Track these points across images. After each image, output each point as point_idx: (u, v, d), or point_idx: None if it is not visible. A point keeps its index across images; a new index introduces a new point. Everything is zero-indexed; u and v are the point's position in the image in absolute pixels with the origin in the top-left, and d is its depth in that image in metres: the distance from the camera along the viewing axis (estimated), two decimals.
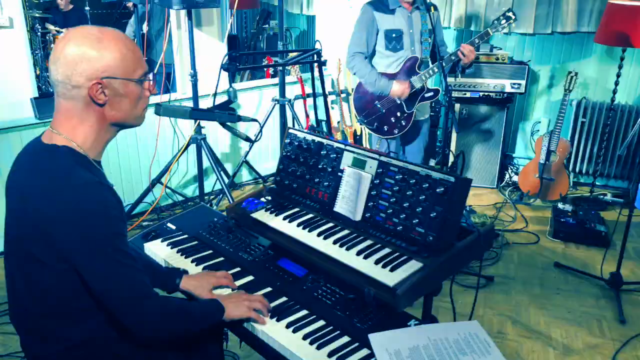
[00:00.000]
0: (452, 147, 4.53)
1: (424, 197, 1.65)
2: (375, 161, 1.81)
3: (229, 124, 1.67)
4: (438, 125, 4.61)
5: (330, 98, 4.79)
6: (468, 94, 4.36)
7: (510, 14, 3.25)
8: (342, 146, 1.92)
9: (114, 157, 3.81)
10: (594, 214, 3.87)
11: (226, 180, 4.03)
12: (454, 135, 4.50)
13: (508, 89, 4.29)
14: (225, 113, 1.63)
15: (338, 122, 4.78)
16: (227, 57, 1.96)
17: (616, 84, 3.94)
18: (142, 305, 1.34)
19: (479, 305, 2.97)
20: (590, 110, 4.37)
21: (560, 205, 3.99)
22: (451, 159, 4.36)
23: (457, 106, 4.43)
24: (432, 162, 3.35)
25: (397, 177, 1.73)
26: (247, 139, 1.79)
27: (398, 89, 3.21)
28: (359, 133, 4.73)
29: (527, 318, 2.91)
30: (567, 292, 3.16)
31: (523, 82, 4.26)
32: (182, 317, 1.44)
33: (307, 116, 3.00)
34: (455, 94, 4.37)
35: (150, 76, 1.40)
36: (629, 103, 4.33)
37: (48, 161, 1.31)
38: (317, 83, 3.18)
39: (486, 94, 4.33)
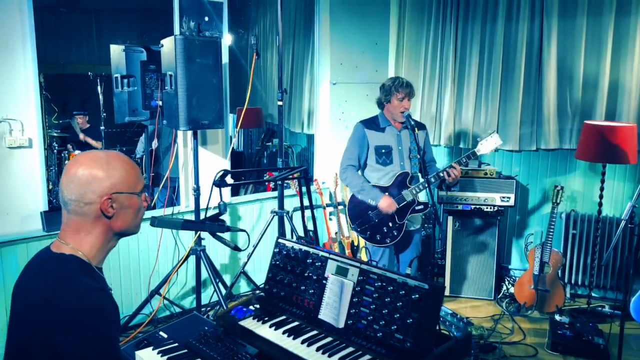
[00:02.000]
0: (448, 259, 4.62)
1: (401, 303, 1.74)
2: (356, 269, 1.91)
3: (218, 234, 1.81)
4: (435, 237, 4.74)
5: (328, 210, 4.98)
6: (460, 207, 4.52)
7: (493, 135, 3.51)
8: (327, 254, 2.04)
9: (115, 267, 3.91)
10: (592, 326, 3.85)
11: (224, 291, 4.08)
12: (448, 248, 4.61)
13: (498, 202, 4.46)
14: (215, 224, 1.77)
15: (336, 233, 4.92)
16: (219, 175, 2.16)
17: (600, 197, 4.10)
18: None
19: None
20: (579, 223, 4.50)
21: (557, 317, 3.98)
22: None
23: (450, 219, 4.58)
24: (408, 270, 3.49)
25: (376, 284, 1.83)
26: (236, 247, 1.92)
27: (385, 203, 3.40)
28: (356, 244, 4.84)
29: None
30: None
31: (512, 196, 4.44)
32: None
33: (314, 232, 3.21)
34: (447, 207, 4.56)
35: (146, 190, 1.58)
36: (616, 215, 4.47)
37: (55, 268, 1.45)
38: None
39: (478, 207, 4.50)
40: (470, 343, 1.88)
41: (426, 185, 3.37)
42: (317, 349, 1.81)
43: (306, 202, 2.96)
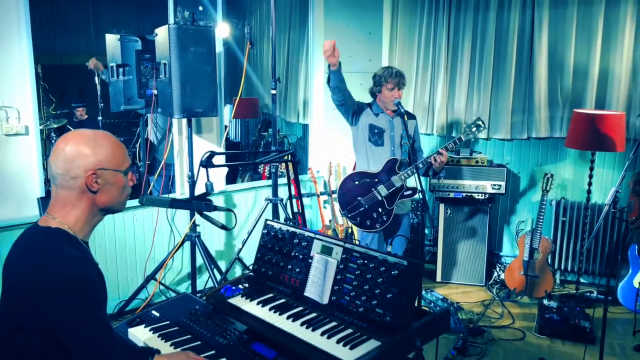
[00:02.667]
0: (439, 245, 4.69)
1: (381, 279, 1.81)
2: (340, 248, 1.98)
3: (206, 213, 1.88)
4: (425, 224, 4.80)
5: (322, 198, 5.05)
6: (452, 195, 4.59)
7: (479, 122, 3.58)
8: (312, 235, 2.10)
9: (111, 253, 3.99)
10: (579, 310, 3.93)
11: (219, 277, 4.16)
12: (440, 235, 4.68)
13: (489, 190, 4.52)
14: (202, 203, 1.84)
15: (330, 221, 4.99)
16: (206, 155, 2.22)
17: (589, 184, 4.17)
18: None
19: None
20: (569, 210, 4.57)
21: (545, 302, 4.06)
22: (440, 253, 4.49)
23: (442, 206, 4.65)
24: (389, 248, 3.59)
25: (359, 261, 1.90)
26: (223, 227, 1.98)
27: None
28: (350, 231, 4.91)
29: None
30: None
31: (503, 184, 4.51)
32: None
33: (299, 214, 3.26)
34: (439, 195, 4.62)
35: (134, 169, 1.65)
36: (605, 202, 4.52)
37: (42, 241, 1.53)
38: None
39: (469, 194, 4.56)
40: (448, 319, 1.94)
41: (414, 171, 3.43)
42: (302, 324, 1.88)
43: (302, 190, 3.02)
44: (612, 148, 3.92)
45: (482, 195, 4.55)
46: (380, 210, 3.52)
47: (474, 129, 3.59)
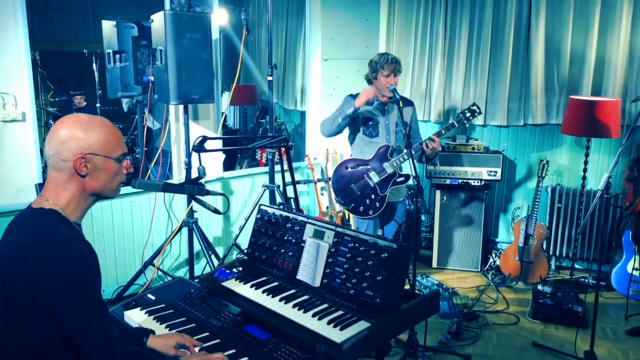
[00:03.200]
0: (435, 232, 4.72)
1: (371, 262, 1.84)
2: (332, 231, 2.01)
3: (198, 197, 1.90)
4: (422, 211, 4.83)
5: (319, 185, 5.08)
6: (448, 181, 4.61)
7: (474, 107, 3.59)
8: (305, 219, 2.13)
9: (109, 239, 4.02)
10: (573, 295, 3.97)
11: (216, 263, 4.19)
12: (436, 221, 4.71)
13: (485, 177, 4.55)
14: (195, 187, 1.86)
15: (327, 208, 5.02)
16: (198, 140, 2.24)
17: (584, 171, 4.18)
18: (110, 346, 1.51)
19: None
20: (564, 196, 4.59)
21: (540, 287, 4.09)
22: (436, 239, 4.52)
23: (438, 193, 4.68)
24: (379, 232, 3.63)
25: (350, 245, 1.93)
26: (216, 210, 2.01)
27: (362, 95, 3.48)
28: (347, 217, 4.94)
29: None
30: None
31: (499, 170, 4.53)
32: None
33: (295, 199, 3.30)
34: (435, 181, 4.65)
35: (129, 158, 1.66)
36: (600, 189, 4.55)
37: (35, 221, 1.56)
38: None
39: (465, 181, 4.59)
40: (438, 301, 1.98)
41: (406, 157, 3.45)
42: (294, 306, 1.92)
43: (297, 177, 3.04)
44: (608, 134, 3.93)
45: (478, 182, 4.58)
46: (373, 197, 3.54)
47: (468, 115, 3.60)
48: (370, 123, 3.63)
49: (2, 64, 3.43)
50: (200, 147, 2.21)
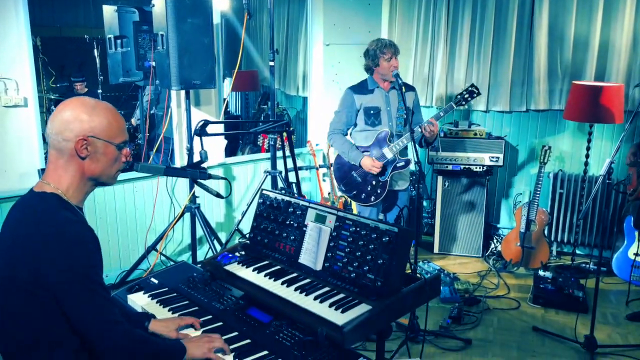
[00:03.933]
0: (437, 217, 4.73)
1: (373, 246, 1.84)
2: (333, 216, 2.02)
3: (200, 181, 1.91)
4: (423, 197, 4.84)
5: (321, 171, 5.08)
6: (450, 167, 4.61)
7: (473, 88, 3.57)
8: (307, 204, 2.14)
9: (112, 224, 4.04)
10: (574, 281, 3.98)
11: (219, 248, 4.21)
12: (438, 207, 4.72)
13: (487, 162, 4.54)
14: (197, 171, 1.87)
15: (329, 194, 5.03)
16: (200, 124, 2.24)
17: (587, 156, 4.18)
18: (112, 329, 1.52)
19: None
20: (566, 182, 4.59)
21: (541, 273, 4.11)
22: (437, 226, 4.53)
23: (440, 179, 4.68)
24: (380, 216, 3.66)
25: (351, 229, 1.93)
26: (218, 195, 2.02)
27: (367, 162, 3.49)
28: (349, 203, 4.95)
29: None
30: (543, 355, 3.22)
31: (501, 156, 4.52)
32: (148, 347, 1.60)
33: (296, 184, 3.32)
34: (437, 167, 4.65)
35: (129, 146, 1.67)
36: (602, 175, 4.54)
37: (37, 205, 1.56)
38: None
39: (467, 167, 4.58)
40: (438, 284, 1.99)
41: (405, 141, 3.45)
42: (296, 289, 1.93)
43: (298, 163, 3.04)
44: (611, 120, 3.92)
45: (480, 168, 4.57)
46: (374, 183, 3.54)
47: (466, 96, 3.56)
48: (372, 112, 3.61)
49: (4, 49, 3.42)
50: (202, 131, 2.21)
